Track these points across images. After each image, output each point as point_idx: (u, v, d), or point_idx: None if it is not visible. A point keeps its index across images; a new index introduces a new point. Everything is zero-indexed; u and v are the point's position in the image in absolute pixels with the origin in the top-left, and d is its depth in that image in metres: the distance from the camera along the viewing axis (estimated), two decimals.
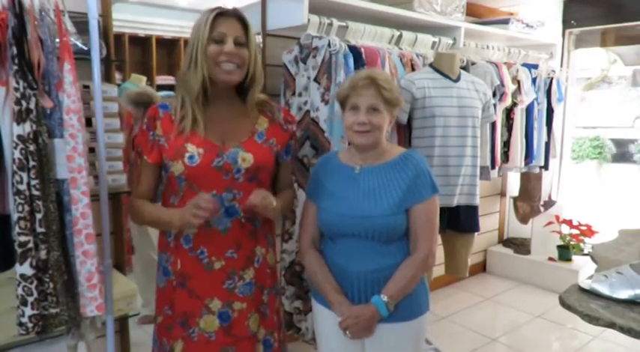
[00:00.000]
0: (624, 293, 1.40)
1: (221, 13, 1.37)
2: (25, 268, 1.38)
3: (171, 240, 1.46)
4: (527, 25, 3.25)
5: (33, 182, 1.37)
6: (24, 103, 1.35)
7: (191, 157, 1.36)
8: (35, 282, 1.40)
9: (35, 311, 1.40)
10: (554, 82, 3.30)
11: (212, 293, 1.44)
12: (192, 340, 1.44)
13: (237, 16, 1.39)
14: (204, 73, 1.36)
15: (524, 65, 3.12)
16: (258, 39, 2.28)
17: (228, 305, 1.45)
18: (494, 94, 2.69)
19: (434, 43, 2.58)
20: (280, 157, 1.53)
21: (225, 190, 1.39)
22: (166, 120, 1.41)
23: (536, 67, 3.17)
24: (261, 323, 1.51)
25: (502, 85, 2.78)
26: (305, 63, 2.14)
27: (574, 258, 3.62)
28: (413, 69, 2.42)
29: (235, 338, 1.46)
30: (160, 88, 2.50)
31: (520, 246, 3.97)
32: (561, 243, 3.67)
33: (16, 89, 1.34)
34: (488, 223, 3.99)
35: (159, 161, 1.43)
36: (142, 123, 1.45)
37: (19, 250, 1.37)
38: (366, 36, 2.31)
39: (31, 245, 1.38)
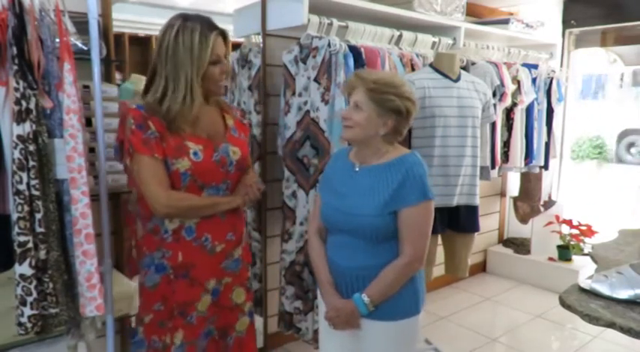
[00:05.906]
0: (624, 293, 1.40)
1: (219, 34, 1.44)
2: (24, 268, 1.38)
3: (169, 236, 1.47)
4: (527, 25, 3.25)
5: (33, 182, 1.37)
6: (24, 103, 1.35)
7: (195, 153, 1.43)
8: (34, 282, 1.40)
9: (34, 311, 1.41)
10: (554, 82, 3.30)
11: (211, 275, 1.53)
12: (192, 324, 1.51)
13: (221, 31, 1.46)
14: (201, 98, 1.44)
15: (524, 65, 3.12)
16: (259, 39, 2.29)
17: (219, 283, 1.55)
18: (494, 94, 2.69)
19: (434, 43, 2.58)
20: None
21: (222, 182, 1.51)
22: (155, 120, 1.41)
23: (536, 67, 3.17)
24: (247, 298, 1.64)
25: (502, 85, 2.78)
26: (305, 63, 2.14)
27: (574, 257, 3.61)
28: (413, 69, 2.42)
29: (220, 307, 1.57)
30: None
31: (520, 246, 3.97)
32: (561, 243, 3.67)
33: (16, 89, 1.34)
34: (488, 223, 3.99)
35: (165, 156, 1.41)
36: (129, 123, 1.41)
37: (18, 250, 1.37)
38: (366, 36, 2.31)
39: (30, 245, 1.38)
